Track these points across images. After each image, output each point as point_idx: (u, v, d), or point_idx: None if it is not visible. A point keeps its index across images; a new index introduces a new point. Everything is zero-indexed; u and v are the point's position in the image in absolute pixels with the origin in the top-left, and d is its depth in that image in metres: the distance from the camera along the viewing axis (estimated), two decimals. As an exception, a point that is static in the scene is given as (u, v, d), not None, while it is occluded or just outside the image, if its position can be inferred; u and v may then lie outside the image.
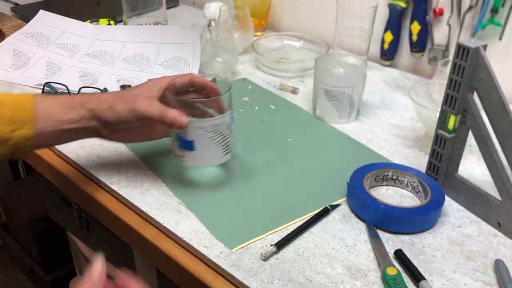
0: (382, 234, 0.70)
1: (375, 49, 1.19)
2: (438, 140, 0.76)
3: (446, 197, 0.77)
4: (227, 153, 0.76)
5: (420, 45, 1.12)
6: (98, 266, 0.51)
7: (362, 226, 0.72)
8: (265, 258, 0.65)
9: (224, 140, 0.75)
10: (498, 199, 0.70)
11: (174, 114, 0.69)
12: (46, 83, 1.00)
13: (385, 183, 0.79)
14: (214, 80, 0.78)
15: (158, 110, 0.69)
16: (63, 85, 0.99)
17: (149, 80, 0.76)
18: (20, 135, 0.67)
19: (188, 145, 0.73)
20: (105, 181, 0.79)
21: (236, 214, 0.73)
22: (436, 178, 0.78)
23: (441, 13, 1.07)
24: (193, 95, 0.77)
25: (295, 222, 0.72)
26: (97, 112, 0.70)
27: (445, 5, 1.07)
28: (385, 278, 0.62)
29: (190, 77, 0.75)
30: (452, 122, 0.73)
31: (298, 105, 1.02)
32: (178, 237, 0.69)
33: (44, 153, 0.88)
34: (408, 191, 0.78)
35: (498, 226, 0.71)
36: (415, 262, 0.65)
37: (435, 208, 0.70)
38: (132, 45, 1.14)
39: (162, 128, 0.77)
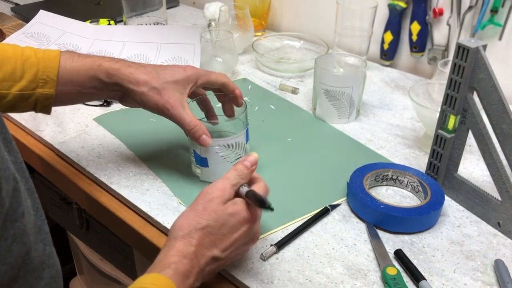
0: (382, 234, 0.70)
1: (375, 49, 1.19)
2: (438, 140, 0.76)
3: (446, 197, 0.77)
4: None
5: (420, 45, 1.12)
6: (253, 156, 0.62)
7: (362, 226, 0.72)
8: (265, 258, 0.65)
9: (237, 159, 0.76)
10: (498, 199, 0.70)
11: (202, 132, 0.69)
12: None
13: (385, 183, 0.79)
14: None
15: (189, 121, 0.69)
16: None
17: (186, 66, 0.74)
18: (42, 92, 0.69)
19: (202, 162, 0.75)
20: (105, 181, 0.79)
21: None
22: (436, 178, 0.78)
23: (441, 13, 1.07)
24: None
25: (295, 222, 0.72)
26: (124, 88, 0.69)
27: (445, 5, 1.07)
28: (385, 278, 0.62)
29: (224, 80, 0.74)
30: (452, 122, 0.73)
31: (298, 105, 1.02)
32: (178, 237, 0.69)
33: (44, 153, 0.88)
34: (408, 191, 0.78)
35: (498, 226, 0.71)
36: (415, 262, 0.65)
37: (435, 208, 0.70)
38: (132, 45, 1.14)
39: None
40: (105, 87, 0.70)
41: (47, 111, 0.72)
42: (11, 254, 0.46)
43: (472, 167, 0.84)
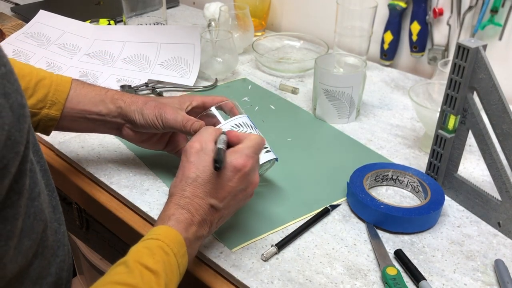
0: (382, 234, 0.70)
1: (375, 49, 1.19)
2: (438, 140, 0.76)
3: (446, 197, 0.77)
4: None
5: (420, 45, 1.12)
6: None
7: (362, 226, 0.72)
8: (266, 259, 0.65)
9: None
10: (498, 199, 0.70)
11: (193, 121, 0.70)
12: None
13: (385, 183, 0.79)
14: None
15: (181, 119, 0.71)
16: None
17: (181, 95, 0.78)
18: (47, 113, 0.72)
19: None
20: (105, 181, 0.79)
21: (236, 214, 0.72)
22: (436, 178, 0.78)
23: (441, 13, 1.07)
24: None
25: (295, 222, 0.72)
26: (125, 110, 0.73)
27: (445, 5, 1.07)
28: (385, 278, 0.62)
29: (221, 99, 0.76)
30: (452, 122, 0.73)
31: (298, 105, 1.02)
32: (178, 237, 0.69)
33: (44, 153, 0.88)
34: (408, 191, 0.78)
35: (498, 226, 0.71)
36: (415, 262, 0.65)
37: (435, 208, 0.70)
38: (132, 45, 1.14)
39: (179, 143, 0.79)
40: (109, 112, 0.73)
41: (47, 132, 0.75)
42: (34, 231, 0.50)
43: (472, 167, 0.84)
